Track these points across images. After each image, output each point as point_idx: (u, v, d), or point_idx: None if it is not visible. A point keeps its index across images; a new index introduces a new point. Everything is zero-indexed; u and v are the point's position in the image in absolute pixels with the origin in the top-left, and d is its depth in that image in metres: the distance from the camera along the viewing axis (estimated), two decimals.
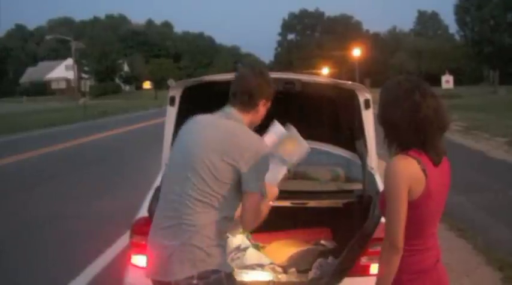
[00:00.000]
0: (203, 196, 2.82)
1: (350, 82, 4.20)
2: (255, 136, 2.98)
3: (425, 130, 2.53)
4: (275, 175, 3.35)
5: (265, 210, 3.06)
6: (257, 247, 4.57)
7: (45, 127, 30.92)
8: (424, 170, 2.51)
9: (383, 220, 3.30)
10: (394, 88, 2.61)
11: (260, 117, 3.13)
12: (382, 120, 2.64)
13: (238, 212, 2.98)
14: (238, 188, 2.88)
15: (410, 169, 2.50)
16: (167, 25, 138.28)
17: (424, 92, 2.55)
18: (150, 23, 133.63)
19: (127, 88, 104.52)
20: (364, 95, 4.13)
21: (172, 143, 3.55)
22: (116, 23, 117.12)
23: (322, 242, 4.73)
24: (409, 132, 2.53)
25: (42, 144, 20.67)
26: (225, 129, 2.93)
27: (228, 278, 2.91)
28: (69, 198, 10.75)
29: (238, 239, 4.48)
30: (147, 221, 3.63)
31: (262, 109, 3.09)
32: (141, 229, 3.70)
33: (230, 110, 3.03)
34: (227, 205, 2.88)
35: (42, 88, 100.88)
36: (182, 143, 3.03)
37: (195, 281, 2.78)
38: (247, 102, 3.02)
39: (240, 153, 2.83)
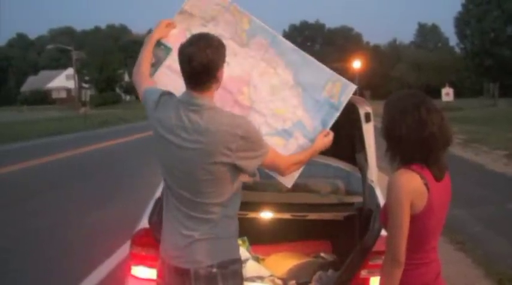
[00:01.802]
0: (211, 198, 2.85)
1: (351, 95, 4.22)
2: (230, 119, 2.82)
3: (431, 146, 2.56)
4: (326, 121, 3.34)
5: (301, 158, 3.22)
6: (257, 259, 4.57)
7: (45, 136, 30.92)
8: (426, 185, 2.53)
9: (383, 233, 3.32)
10: (400, 103, 2.63)
11: (222, 79, 2.91)
12: (387, 134, 2.65)
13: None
14: (239, 178, 2.92)
15: (412, 183, 2.52)
16: None
17: (429, 108, 2.57)
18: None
19: (127, 98, 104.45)
20: (364, 108, 4.14)
21: None
22: (116, 33, 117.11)
23: (322, 254, 4.73)
24: (415, 147, 2.56)
25: (42, 153, 20.66)
26: (201, 130, 2.77)
27: (241, 269, 3.02)
28: (70, 207, 10.76)
29: None
30: (148, 232, 3.65)
31: (222, 73, 2.88)
32: (142, 240, 3.71)
33: (193, 99, 2.82)
34: (233, 202, 2.93)
35: (42, 98, 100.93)
36: (167, 152, 2.91)
37: (214, 270, 2.84)
38: (207, 80, 2.81)
39: (227, 148, 2.75)
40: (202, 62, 2.74)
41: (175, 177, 2.92)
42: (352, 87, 3.38)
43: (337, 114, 3.33)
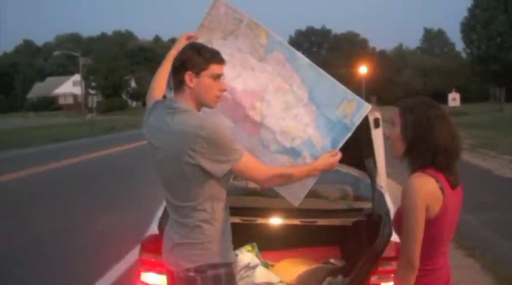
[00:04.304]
0: (185, 201, 2.92)
1: None
2: (197, 121, 2.82)
3: (458, 154, 2.63)
4: (336, 141, 3.26)
5: (291, 172, 3.12)
6: (266, 265, 4.56)
7: (52, 142, 31.03)
8: (441, 188, 2.54)
9: (393, 238, 3.31)
10: (427, 110, 2.63)
11: (204, 90, 2.91)
12: (414, 139, 2.62)
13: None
14: (211, 182, 2.89)
15: (428, 186, 2.53)
16: (174, 41, 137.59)
17: (449, 119, 2.65)
18: (157, 39, 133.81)
19: (134, 104, 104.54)
20: (373, 114, 4.13)
21: None
22: (123, 39, 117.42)
23: (332, 260, 4.72)
24: (444, 154, 2.57)
25: (49, 159, 20.73)
26: (171, 131, 2.85)
27: (228, 274, 2.99)
28: (77, 213, 10.79)
29: (247, 257, 4.48)
30: (158, 238, 3.64)
31: (198, 81, 2.88)
32: (151, 246, 3.71)
33: (171, 102, 2.94)
34: (210, 206, 2.93)
35: (49, 104, 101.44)
36: (153, 155, 3.04)
37: (191, 274, 2.90)
38: (176, 81, 2.93)
39: (191, 149, 2.77)
40: (173, 62, 2.97)
41: (161, 180, 3.04)
42: (367, 107, 3.28)
43: (349, 135, 3.26)
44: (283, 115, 3.35)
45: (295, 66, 3.40)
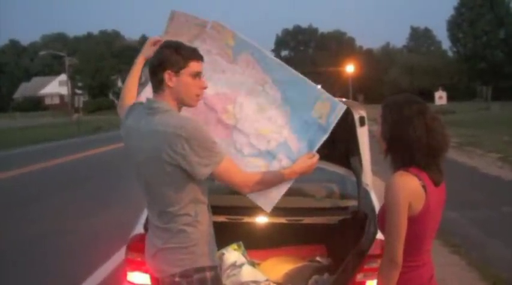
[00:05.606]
0: (167, 206, 2.88)
1: (344, 100, 4.22)
2: (177, 121, 2.78)
3: (437, 152, 2.61)
4: (313, 143, 3.17)
5: (271, 178, 3.06)
6: (253, 264, 4.56)
7: (39, 142, 30.87)
8: (424, 187, 2.55)
9: (378, 236, 3.33)
10: (405, 108, 2.63)
11: (185, 89, 2.88)
12: (392, 137, 2.65)
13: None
14: (192, 185, 2.86)
15: (411, 184, 2.54)
16: None
17: (431, 115, 2.63)
18: (144, 38, 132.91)
19: None
20: (358, 112, 4.15)
21: None
22: (109, 39, 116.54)
23: (318, 258, 4.73)
24: (422, 152, 2.58)
25: (36, 160, 20.61)
26: (151, 131, 2.80)
27: (214, 278, 2.96)
28: (64, 214, 10.73)
29: (233, 255, 4.47)
30: (143, 237, 3.63)
31: (177, 80, 2.84)
32: (137, 245, 3.69)
33: (150, 103, 2.90)
34: (193, 210, 2.90)
35: (35, 104, 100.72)
36: (131, 158, 3.00)
37: (177, 279, 2.86)
38: (154, 82, 2.88)
39: (172, 150, 2.72)
40: (150, 62, 2.92)
41: (142, 183, 2.99)
42: (342, 108, 3.20)
43: (325, 136, 3.17)
44: (257, 117, 3.29)
45: (265, 67, 3.33)
